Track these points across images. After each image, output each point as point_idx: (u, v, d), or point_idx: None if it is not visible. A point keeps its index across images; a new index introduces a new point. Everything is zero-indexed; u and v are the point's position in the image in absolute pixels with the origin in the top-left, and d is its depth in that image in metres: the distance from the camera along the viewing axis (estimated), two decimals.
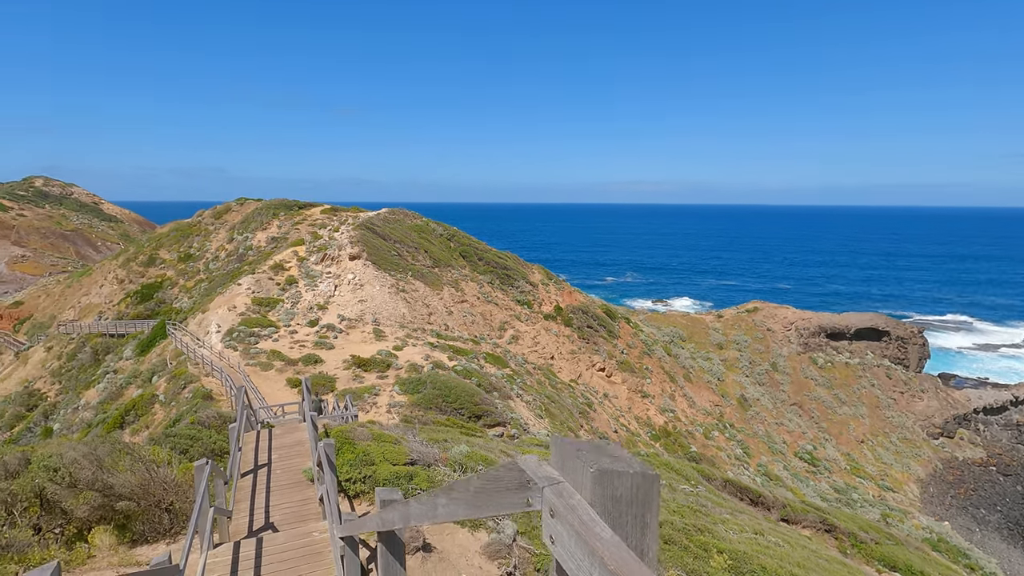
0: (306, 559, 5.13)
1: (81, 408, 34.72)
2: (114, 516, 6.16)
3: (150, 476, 6.25)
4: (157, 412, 26.81)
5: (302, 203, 60.20)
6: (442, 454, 8.08)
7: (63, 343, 48.51)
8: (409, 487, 6.80)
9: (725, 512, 10.55)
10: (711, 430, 50.52)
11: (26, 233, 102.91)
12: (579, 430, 37.12)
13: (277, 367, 28.27)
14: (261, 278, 40.71)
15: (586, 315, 54.51)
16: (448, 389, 26.42)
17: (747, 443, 50.19)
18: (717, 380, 59.14)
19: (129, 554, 5.77)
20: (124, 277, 56.56)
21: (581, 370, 49.44)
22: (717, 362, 62.14)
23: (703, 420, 51.59)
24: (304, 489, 7.47)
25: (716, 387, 57.81)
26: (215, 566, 5.04)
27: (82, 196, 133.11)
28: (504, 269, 54.99)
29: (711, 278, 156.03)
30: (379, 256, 45.38)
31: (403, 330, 37.07)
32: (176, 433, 11.91)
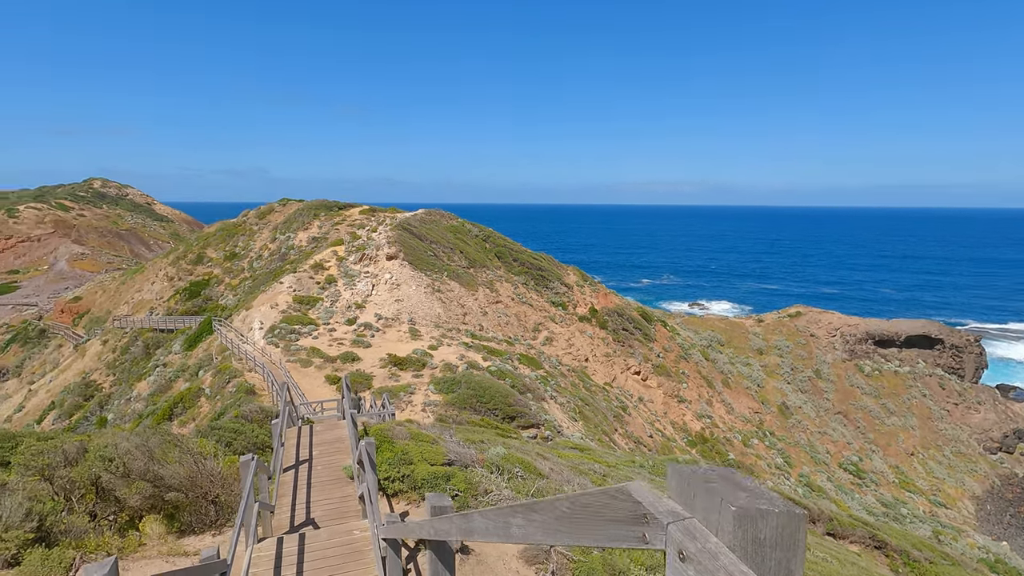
0: (347, 557, 5.17)
1: (133, 399, 36.32)
2: (164, 506, 6.38)
3: (198, 468, 6.45)
4: (203, 405, 27.79)
5: (341, 204, 61.51)
6: (479, 455, 8.06)
7: (117, 337, 50.88)
8: (447, 487, 6.80)
9: None
10: (750, 438, 49.14)
11: (85, 232, 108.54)
12: (613, 433, 36.67)
13: (316, 364, 28.90)
14: (302, 277, 41.75)
15: (621, 317, 53.84)
16: (482, 389, 26.47)
17: (788, 452, 48.61)
18: (757, 386, 57.49)
19: (177, 544, 5.96)
20: (174, 275, 58.96)
21: (616, 373, 48.85)
22: (757, 368, 60.42)
23: (742, 427, 50.24)
24: (344, 486, 7.57)
25: (755, 393, 56.22)
26: (260, 560, 5.13)
27: (136, 197, 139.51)
28: (539, 270, 54.87)
29: (751, 281, 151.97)
30: (415, 256, 45.93)
31: (438, 330, 37.38)
32: (221, 426, 12.27)
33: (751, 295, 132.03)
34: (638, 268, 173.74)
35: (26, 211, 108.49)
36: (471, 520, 2.26)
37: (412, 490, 6.94)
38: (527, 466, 8.07)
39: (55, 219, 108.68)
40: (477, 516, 2.25)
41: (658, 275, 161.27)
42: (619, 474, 10.19)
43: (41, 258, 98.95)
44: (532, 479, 7.63)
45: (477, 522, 2.22)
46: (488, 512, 2.18)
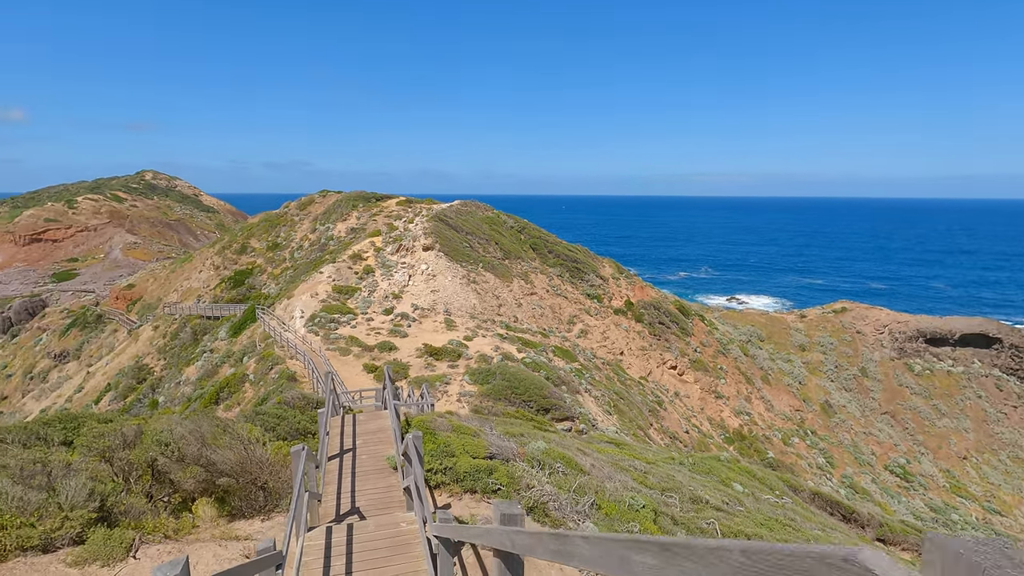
0: (395, 550, 5.21)
1: (182, 383, 37.86)
2: (215, 490, 6.59)
3: (247, 454, 6.63)
4: (247, 390, 28.74)
5: (379, 195, 62.35)
6: (520, 449, 8.03)
7: (168, 323, 53.09)
8: (489, 481, 6.79)
9: (815, 528, 9.84)
10: (790, 436, 47.82)
11: (138, 222, 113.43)
12: (648, 428, 36.24)
13: (355, 352, 29.47)
14: (341, 267, 42.57)
15: (658, 311, 52.99)
16: (517, 381, 26.50)
17: (830, 452, 47.11)
18: (798, 384, 55.82)
19: (228, 527, 6.14)
20: (219, 264, 61.04)
21: (651, 367, 48.19)
22: (799, 364, 58.64)
23: (782, 425, 48.92)
24: (387, 476, 7.66)
25: (797, 391, 54.61)
26: (310, 549, 5.23)
27: (184, 188, 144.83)
28: (574, 262, 54.46)
29: (793, 276, 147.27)
30: (451, 247, 46.21)
31: (473, 321, 37.56)
32: (265, 412, 12.63)
33: (793, 290, 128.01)
34: (675, 261, 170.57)
35: (84, 202, 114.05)
36: (569, 543, 1.89)
37: (454, 482, 6.97)
38: (568, 461, 7.99)
39: (110, 210, 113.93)
40: (580, 541, 1.84)
41: (696, 268, 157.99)
42: (660, 471, 10.01)
43: (97, 247, 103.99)
44: (574, 475, 7.56)
45: (579, 548, 1.82)
46: (597, 539, 1.76)
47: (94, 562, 4.88)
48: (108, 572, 4.84)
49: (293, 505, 4.48)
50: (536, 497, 6.39)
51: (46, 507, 5.19)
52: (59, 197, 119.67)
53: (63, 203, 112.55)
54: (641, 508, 6.79)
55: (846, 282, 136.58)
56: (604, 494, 6.92)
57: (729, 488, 11.23)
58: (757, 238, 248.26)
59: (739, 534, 7.06)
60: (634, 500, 6.89)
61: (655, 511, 6.91)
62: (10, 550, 4.84)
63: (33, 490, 5.25)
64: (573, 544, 1.86)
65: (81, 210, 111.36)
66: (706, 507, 8.09)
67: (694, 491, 8.66)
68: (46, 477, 5.53)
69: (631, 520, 6.43)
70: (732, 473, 12.10)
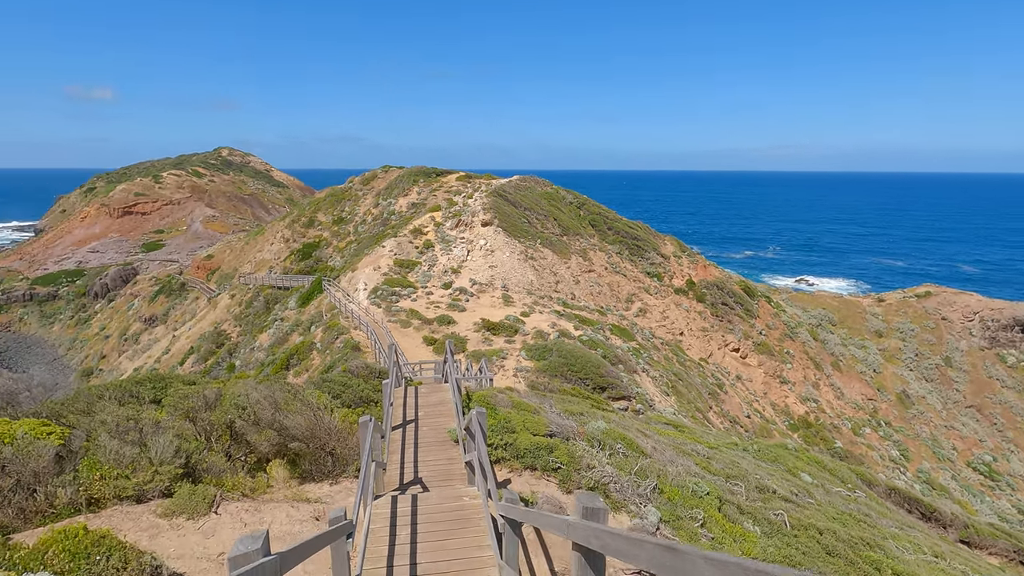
0: (457, 523, 5.32)
1: (256, 349, 40.23)
2: (287, 452, 6.93)
3: (316, 421, 6.92)
4: (315, 358, 30.16)
5: (439, 170, 62.94)
6: (579, 428, 7.96)
7: (243, 292, 56.34)
8: (549, 459, 6.77)
9: (892, 525, 9.26)
10: (861, 426, 45.46)
11: (215, 196, 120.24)
12: (707, 411, 35.38)
13: (415, 325, 30.20)
14: (402, 241, 43.51)
15: (721, 291, 51.15)
16: (574, 358, 26.37)
17: (906, 445, 44.45)
18: (873, 371, 52.76)
19: (299, 489, 6.47)
20: (289, 237, 63.90)
21: (712, 349, 46.80)
22: (874, 351, 55.33)
23: (852, 414, 46.54)
24: (448, 449, 7.81)
25: (871, 379, 51.65)
26: (377, 518, 5.40)
27: (257, 164, 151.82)
28: (634, 239, 53.22)
29: (871, 256, 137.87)
30: (510, 223, 46.17)
31: (530, 297, 37.58)
32: (331, 379, 13.16)
33: (871, 272, 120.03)
34: (741, 240, 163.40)
35: (168, 177, 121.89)
36: (686, 560, 1.57)
37: (514, 458, 7.00)
38: (629, 443, 7.84)
39: (191, 184, 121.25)
40: (701, 561, 1.51)
41: (763, 247, 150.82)
42: (723, 457, 9.68)
43: (181, 219, 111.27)
44: (635, 457, 7.41)
45: (699, 568, 1.50)
46: (724, 562, 1.43)
47: (180, 514, 5.27)
48: (192, 525, 5.21)
49: (362, 475, 4.62)
50: (596, 478, 6.32)
51: (138, 461, 5.63)
52: (147, 172, 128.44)
53: (150, 178, 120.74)
54: (705, 495, 6.57)
55: (933, 265, 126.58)
56: (666, 478, 6.75)
57: (797, 478, 10.74)
58: (833, 216, 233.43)
59: (810, 527, 6.73)
60: (698, 486, 6.68)
61: (720, 499, 6.68)
62: (109, 498, 5.30)
63: (127, 445, 5.71)
64: (691, 562, 1.56)
65: (166, 185, 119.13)
66: (774, 497, 7.75)
67: (760, 479, 8.32)
68: (138, 433, 5.99)
69: (695, 507, 6.24)
70: (800, 463, 11.56)
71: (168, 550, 4.79)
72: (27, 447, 5.23)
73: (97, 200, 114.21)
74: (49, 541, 3.90)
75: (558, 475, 6.59)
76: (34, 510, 5.02)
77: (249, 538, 2.47)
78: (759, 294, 54.78)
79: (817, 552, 6.15)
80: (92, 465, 5.41)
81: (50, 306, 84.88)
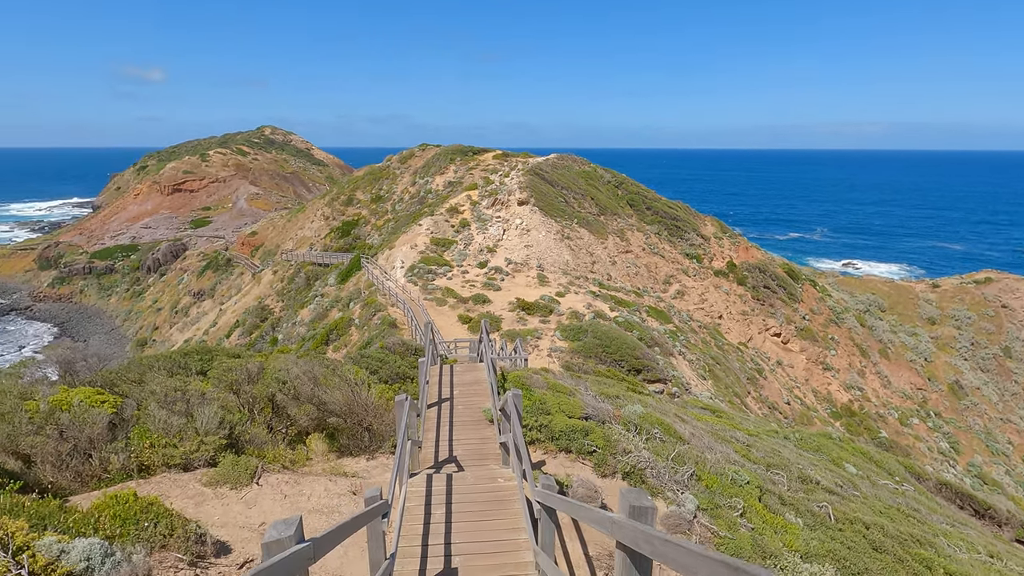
0: (492, 504, 5.38)
1: (297, 324, 41.42)
2: (326, 426, 7.09)
3: (353, 397, 7.04)
4: (353, 334, 30.84)
5: (476, 149, 62.66)
6: (616, 411, 7.84)
7: (285, 268, 57.93)
8: (584, 442, 6.70)
9: (943, 521, 8.86)
10: (909, 416, 43.80)
11: (259, 174, 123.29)
12: (745, 396, 34.69)
13: (450, 303, 30.45)
14: (438, 220, 43.71)
15: (763, 274, 49.64)
16: (609, 340, 26.14)
17: (956, 437, 42.64)
18: (923, 360, 50.57)
19: (337, 463, 6.61)
20: (329, 215, 65.10)
21: (752, 333, 45.65)
22: (925, 339, 52.95)
23: (899, 404, 44.86)
24: (483, 428, 7.84)
25: (921, 368, 49.55)
26: (412, 495, 5.46)
27: (298, 143, 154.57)
28: (673, 220, 51.99)
29: (925, 240, 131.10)
30: (546, 202, 45.72)
31: (566, 277, 37.32)
32: (368, 355, 13.39)
33: (924, 256, 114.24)
34: (786, 221, 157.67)
35: (214, 155, 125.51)
36: None
37: (549, 440, 6.95)
38: (666, 428, 7.68)
39: (236, 163, 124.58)
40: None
41: (810, 229, 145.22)
42: (763, 445, 9.41)
43: (226, 197, 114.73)
44: (672, 442, 7.26)
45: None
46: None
47: (224, 484, 5.45)
48: (235, 494, 5.38)
49: (398, 453, 4.65)
50: (633, 463, 6.20)
51: (185, 431, 5.84)
52: (194, 151, 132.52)
53: (197, 156, 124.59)
54: (745, 484, 6.38)
55: (993, 249, 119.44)
56: (705, 465, 6.58)
57: (841, 469, 10.38)
58: (884, 197, 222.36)
59: (856, 521, 6.46)
60: (737, 474, 6.50)
61: (760, 488, 6.47)
62: (158, 465, 5.52)
63: (175, 415, 5.93)
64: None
65: (212, 163, 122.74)
66: (817, 488, 7.48)
67: (803, 469, 8.04)
68: (185, 404, 6.21)
69: (734, 495, 6.07)
70: (844, 453, 11.15)
71: (212, 518, 4.97)
72: (83, 414, 5.49)
73: (148, 178, 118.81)
74: (101, 506, 4.08)
75: (593, 458, 6.51)
76: (89, 474, 5.29)
77: (283, 524, 2.48)
78: (803, 277, 52.94)
79: (863, 547, 5.91)
80: (142, 433, 5.65)
81: (107, 279, 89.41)
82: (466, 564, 4.51)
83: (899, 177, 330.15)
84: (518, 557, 4.53)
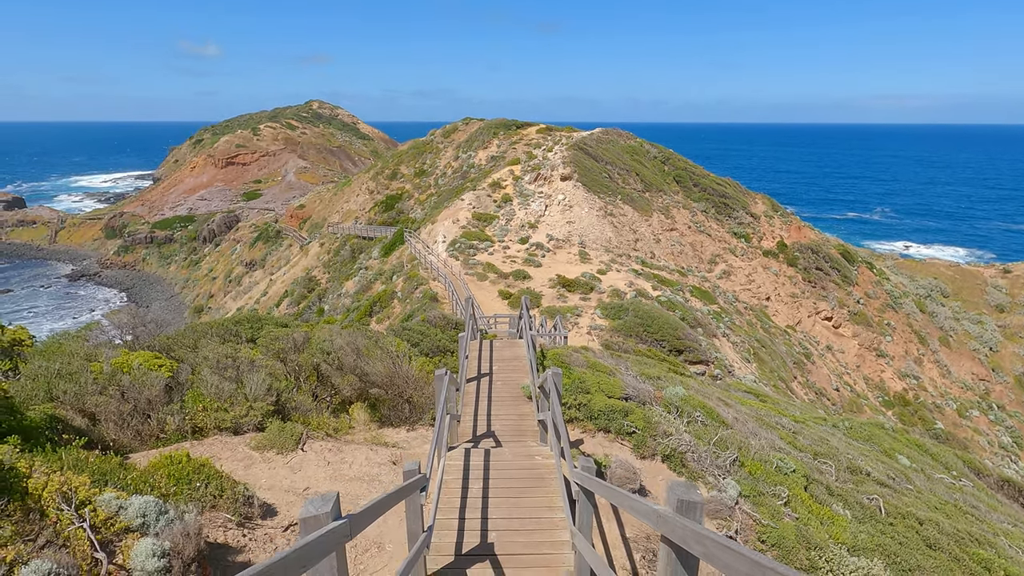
0: (530, 482, 5.39)
1: (342, 295, 42.54)
2: (368, 397, 7.25)
3: (395, 369, 7.16)
4: (395, 306, 31.44)
5: (519, 123, 61.90)
6: (656, 392, 7.69)
7: (331, 241, 59.34)
8: (624, 423, 6.60)
9: (1004, 520, 8.37)
10: (968, 408, 41.66)
11: (307, 148, 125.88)
12: (791, 381, 33.68)
13: (491, 279, 30.54)
14: (480, 195, 43.64)
15: (816, 255, 47.59)
16: (650, 319, 25.73)
17: (1021, 432, 40.35)
18: (988, 350, 47.83)
19: (378, 432, 6.76)
20: (373, 188, 66.01)
21: (802, 316, 44.05)
22: (992, 328, 49.98)
23: (959, 394, 42.68)
24: (521, 404, 7.85)
25: (985, 358, 46.91)
26: (450, 468, 5.54)
27: (345, 117, 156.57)
28: (722, 197, 50.23)
29: (994, 221, 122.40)
30: (589, 178, 44.90)
31: (608, 254, 36.78)
32: (410, 328, 13.60)
33: (996, 240, 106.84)
34: (843, 201, 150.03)
35: (265, 129, 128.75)
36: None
37: (588, 419, 6.89)
38: (709, 411, 7.48)
39: (285, 137, 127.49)
40: None
41: (868, 209, 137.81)
42: (811, 432, 9.07)
43: (276, 170, 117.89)
44: (714, 427, 7.07)
45: None
46: None
47: (271, 448, 5.66)
48: (281, 459, 5.59)
49: (436, 427, 4.70)
50: (673, 446, 6.07)
51: (235, 396, 6.08)
52: (246, 125, 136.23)
53: (249, 130, 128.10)
54: (791, 472, 6.15)
55: None
56: (748, 451, 6.38)
57: (893, 461, 9.93)
58: (950, 176, 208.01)
59: (909, 516, 6.16)
60: (783, 462, 6.27)
61: (807, 477, 6.24)
62: (210, 428, 5.79)
63: (226, 380, 6.18)
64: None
65: (263, 137, 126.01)
66: (867, 480, 7.16)
67: (852, 459, 7.71)
68: (235, 370, 6.47)
69: (778, 483, 5.87)
70: (898, 444, 10.65)
71: (260, 481, 5.18)
72: (142, 377, 5.79)
73: (204, 151, 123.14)
74: (157, 465, 4.30)
75: (632, 439, 6.42)
76: (148, 434, 5.59)
77: (320, 500, 2.50)
78: (859, 259, 50.49)
79: (916, 544, 5.64)
80: (196, 397, 5.92)
81: (167, 248, 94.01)
82: (502, 539, 4.53)
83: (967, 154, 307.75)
84: (554, 536, 4.52)
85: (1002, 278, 56.21)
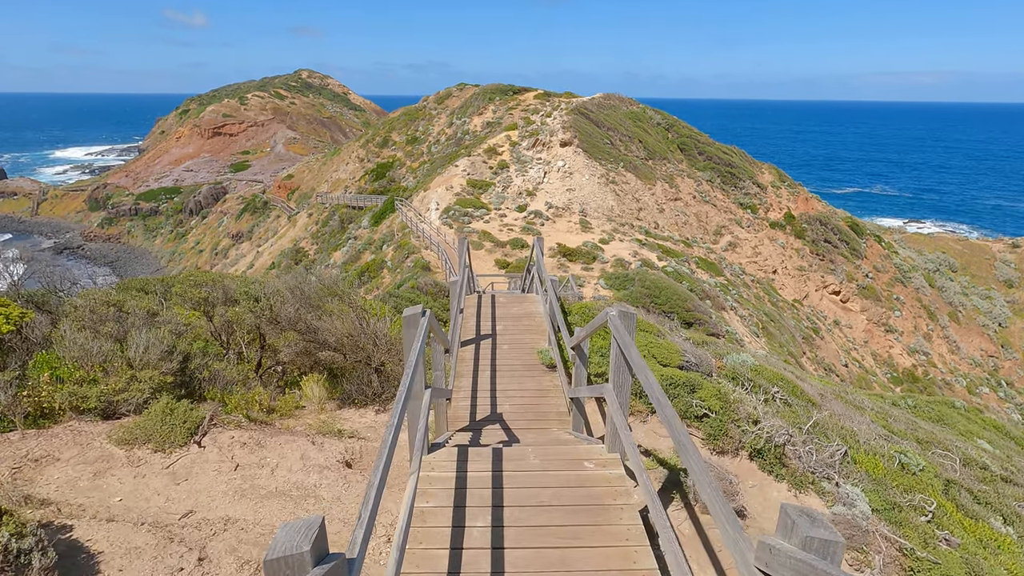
0: (576, 512, 2.96)
1: (330, 266, 40.42)
2: (322, 367, 5.33)
3: (360, 326, 5.16)
4: (385, 276, 29.52)
5: (516, 88, 59.13)
6: (716, 361, 5.74)
7: (319, 211, 56.88)
8: (691, 401, 4.60)
9: None
10: (978, 385, 40.50)
11: (296, 119, 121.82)
12: (800, 356, 32.14)
13: (487, 248, 28.63)
14: (476, 161, 41.34)
15: (824, 227, 45.74)
16: (658, 289, 23.97)
17: None
18: (998, 326, 46.63)
19: (333, 416, 4.78)
20: (363, 157, 63.27)
21: (809, 290, 42.40)
22: (1001, 303, 48.77)
23: (968, 371, 41.46)
24: (539, 376, 5.78)
25: (994, 334, 45.71)
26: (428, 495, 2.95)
27: (335, 87, 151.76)
28: (728, 166, 48.04)
29: (1000, 198, 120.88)
30: (590, 144, 42.57)
31: (610, 223, 34.82)
32: (398, 294, 11.75)
33: (1003, 215, 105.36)
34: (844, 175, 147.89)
35: (253, 99, 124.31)
36: None
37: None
38: (790, 386, 5.57)
39: (274, 107, 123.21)
40: None
41: (869, 184, 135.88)
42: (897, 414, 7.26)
43: (264, 141, 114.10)
44: (802, 406, 5.18)
45: None
46: None
47: (146, 443, 3.61)
48: (161, 460, 3.53)
49: (395, 413, 2.34)
50: (765, 436, 4.15)
51: (114, 362, 4.11)
52: (233, 94, 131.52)
53: (236, 99, 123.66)
54: (920, 471, 4.31)
55: None
56: (856, 441, 4.53)
57: (974, 444, 8.16)
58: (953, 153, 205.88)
59: None
60: (905, 456, 4.42)
61: (940, 478, 4.41)
62: (65, 409, 3.80)
63: (100, 338, 4.17)
64: None
65: (251, 106, 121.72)
66: (991, 476, 5.38)
67: (964, 450, 5.92)
68: (118, 324, 4.45)
69: (910, 488, 4.02)
70: (974, 426, 8.91)
71: (110, 500, 2.94)
72: None
73: (190, 121, 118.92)
74: None
75: (704, 426, 4.41)
76: None
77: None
78: (868, 232, 48.73)
79: None
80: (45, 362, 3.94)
81: (152, 220, 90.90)
82: None
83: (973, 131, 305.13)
84: None
85: (1011, 253, 54.92)
